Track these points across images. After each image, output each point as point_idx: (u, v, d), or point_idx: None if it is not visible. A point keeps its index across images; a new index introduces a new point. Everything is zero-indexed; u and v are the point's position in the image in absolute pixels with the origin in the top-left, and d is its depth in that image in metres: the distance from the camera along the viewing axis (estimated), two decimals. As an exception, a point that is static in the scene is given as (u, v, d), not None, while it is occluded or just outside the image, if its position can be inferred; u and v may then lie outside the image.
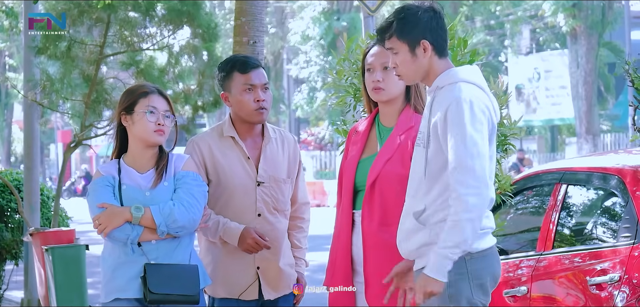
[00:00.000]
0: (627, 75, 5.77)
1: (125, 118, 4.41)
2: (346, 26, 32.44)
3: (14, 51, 36.53)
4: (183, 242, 4.39)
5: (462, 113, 3.68)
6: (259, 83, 4.68)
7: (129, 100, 4.40)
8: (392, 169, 4.14)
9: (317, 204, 29.46)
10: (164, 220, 4.27)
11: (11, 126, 43.89)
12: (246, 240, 4.59)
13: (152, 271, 4.28)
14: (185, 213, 4.30)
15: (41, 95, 9.63)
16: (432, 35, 3.81)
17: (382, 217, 4.14)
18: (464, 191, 3.62)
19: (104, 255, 4.42)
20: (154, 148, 4.43)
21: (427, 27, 3.80)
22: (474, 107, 3.69)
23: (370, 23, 9.19)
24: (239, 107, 4.69)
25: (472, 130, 3.66)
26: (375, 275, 4.15)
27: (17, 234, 10.29)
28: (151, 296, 4.26)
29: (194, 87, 9.92)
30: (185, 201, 4.32)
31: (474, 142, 3.66)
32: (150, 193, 4.36)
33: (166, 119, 4.40)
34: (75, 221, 11.37)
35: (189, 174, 4.41)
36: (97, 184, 4.37)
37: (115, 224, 4.27)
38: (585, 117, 28.55)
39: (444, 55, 3.86)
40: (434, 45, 3.81)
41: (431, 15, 3.82)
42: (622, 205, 4.85)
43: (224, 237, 4.63)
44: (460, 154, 3.65)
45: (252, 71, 4.68)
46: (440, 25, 3.83)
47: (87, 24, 9.44)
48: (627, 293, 4.54)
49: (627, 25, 28.15)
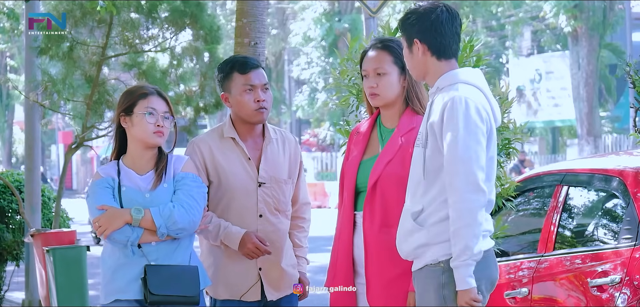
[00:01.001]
0: (628, 76, 5.78)
1: (124, 119, 4.41)
2: (347, 27, 32.45)
3: (15, 52, 36.54)
4: (183, 243, 4.39)
5: (457, 114, 3.69)
6: (259, 83, 4.68)
7: (128, 102, 4.40)
8: (393, 171, 4.15)
9: (318, 206, 29.44)
10: (164, 222, 4.27)
11: (12, 127, 43.93)
12: (246, 244, 4.59)
13: (152, 272, 4.28)
14: (185, 215, 4.30)
15: (42, 96, 9.63)
16: (423, 35, 3.85)
17: (383, 219, 4.15)
18: (456, 197, 3.65)
19: (103, 256, 4.42)
20: (153, 149, 4.43)
21: (419, 28, 3.85)
22: (470, 108, 3.70)
23: (371, 24, 9.19)
24: (239, 107, 4.69)
25: (465, 133, 3.67)
26: (376, 276, 4.16)
27: (18, 235, 10.29)
28: (152, 297, 4.26)
29: (196, 88, 9.93)
30: (185, 203, 4.32)
31: (466, 145, 3.66)
32: (150, 195, 4.35)
33: (165, 120, 4.40)
34: (76, 221, 11.37)
35: (189, 176, 4.41)
36: (97, 186, 4.37)
37: (116, 226, 4.27)
38: (587, 119, 28.56)
39: (444, 57, 3.86)
40: (427, 46, 3.85)
41: (425, 17, 3.85)
42: (623, 206, 4.84)
43: (225, 241, 4.63)
44: (452, 157, 3.68)
45: (252, 71, 4.69)
46: (436, 27, 3.84)
47: (89, 25, 9.44)
48: (628, 295, 4.54)
49: (628, 27, 28.13)
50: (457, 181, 3.65)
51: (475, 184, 3.64)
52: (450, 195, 3.68)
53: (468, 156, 3.65)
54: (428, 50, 3.85)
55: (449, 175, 3.69)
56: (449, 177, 3.68)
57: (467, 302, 3.68)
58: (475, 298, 3.68)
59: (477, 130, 3.69)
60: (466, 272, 3.66)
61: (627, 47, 27.08)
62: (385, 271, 4.12)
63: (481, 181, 3.66)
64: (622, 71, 6.00)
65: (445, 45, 3.86)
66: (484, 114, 3.74)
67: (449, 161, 3.69)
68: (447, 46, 3.86)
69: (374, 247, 4.17)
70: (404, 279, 4.07)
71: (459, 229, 3.64)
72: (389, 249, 4.07)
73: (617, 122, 32.98)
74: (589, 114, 28.54)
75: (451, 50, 3.87)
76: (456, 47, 3.89)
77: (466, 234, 3.63)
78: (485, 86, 3.87)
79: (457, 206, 3.64)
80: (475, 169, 3.65)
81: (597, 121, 29.11)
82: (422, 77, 3.94)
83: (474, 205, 3.64)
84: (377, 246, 4.16)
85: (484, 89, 3.84)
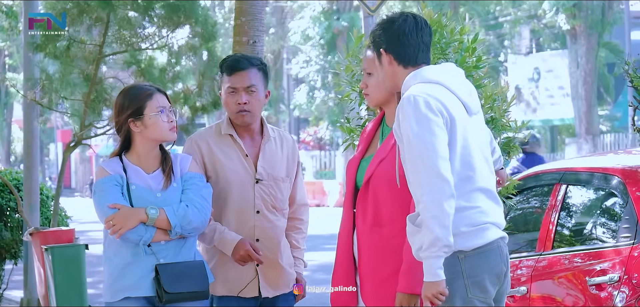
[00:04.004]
0: (626, 75, 5.78)
1: (134, 124, 4.38)
2: (346, 26, 32.45)
3: (13, 51, 36.54)
4: (189, 241, 4.43)
5: (407, 113, 3.71)
6: (241, 86, 4.69)
7: (135, 105, 4.37)
8: (385, 170, 4.14)
9: (316, 204, 29.47)
10: (179, 221, 4.30)
11: (11, 126, 43.92)
12: (239, 251, 4.62)
13: (164, 271, 4.30)
14: (198, 214, 4.35)
15: (41, 94, 9.62)
16: (388, 45, 3.89)
17: (374, 218, 4.13)
18: (418, 191, 3.65)
19: (108, 254, 4.40)
20: (157, 146, 4.43)
21: (384, 39, 3.90)
22: (419, 104, 3.69)
23: (370, 23, 9.20)
24: (225, 107, 4.76)
25: (418, 128, 3.67)
26: (368, 275, 4.14)
27: (16, 234, 10.28)
28: (167, 296, 4.29)
29: (194, 87, 9.92)
30: (197, 203, 4.37)
31: (420, 138, 3.66)
32: (162, 194, 4.36)
33: (172, 114, 4.44)
34: (74, 220, 11.36)
35: (196, 176, 4.45)
36: (106, 184, 4.35)
37: (130, 226, 4.27)
38: (585, 118, 28.56)
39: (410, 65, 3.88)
40: (393, 55, 3.89)
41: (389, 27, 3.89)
42: (621, 205, 4.85)
43: (219, 246, 4.67)
44: (409, 154, 3.70)
45: (236, 74, 4.70)
46: (399, 37, 3.87)
47: (86, 23, 9.43)
48: (626, 293, 4.55)
49: (626, 26, 28.14)
50: (418, 175, 3.65)
51: (437, 174, 3.62)
52: (415, 191, 3.68)
53: (424, 148, 3.65)
54: (394, 59, 3.89)
55: (410, 173, 3.71)
56: (411, 174, 3.70)
57: (434, 295, 3.63)
58: (443, 292, 3.63)
59: (429, 123, 3.68)
60: (435, 263, 3.62)
61: (626, 46, 27.06)
62: (377, 271, 4.10)
63: (443, 170, 3.63)
64: (620, 70, 6.00)
65: (409, 54, 3.87)
66: (436, 105, 3.71)
67: (408, 159, 3.71)
68: (412, 55, 3.87)
69: (365, 246, 4.16)
70: (395, 279, 4.03)
71: (426, 221, 3.62)
72: (380, 248, 4.07)
73: (615, 121, 33.00)
74: (587, 112, 28.54)
75: (417, 59, 3.88)
76: (423, 55, 3.89)
77: (434, 225, 3.60)
78: (450, 80, 3.84)
79: (422, 198, 3.63)
80: (435, 159, 3.64)
81: (595, 120, 29.11)
82: (394, 87, 3.96)
83: (439, 196, 3.61)
84: (367, 245, 4.15)
85: (446, 84, 3.82)
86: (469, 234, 3.74)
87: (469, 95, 3.88)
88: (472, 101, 3.89)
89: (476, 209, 3.76)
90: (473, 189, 3.77)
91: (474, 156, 3.79)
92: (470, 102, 3.88)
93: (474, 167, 3.78)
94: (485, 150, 3.89)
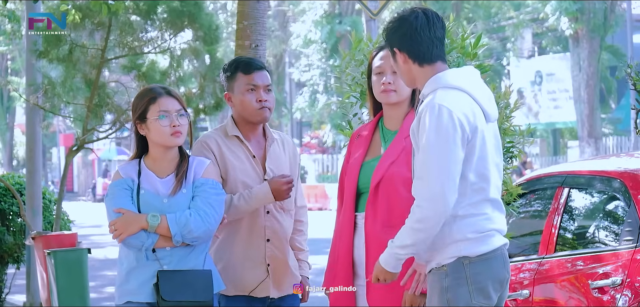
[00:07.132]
0: (629, 78, 5.78)
1: (141, 126, 4.37)
2: (348, 29, 32.46)
3: (15, 55, 36.58)
4: (197, 248, 4.36)
5: (429, 121, 3.68)
6: (262, 84, 4.72)
7: (139, 109, 4.36)
8: (397, 171, 4.15)
9: (319, 208, 29.43)
10: (180, 230, 4.25)
11: (13, 130, 43.96)
12: (276, 186, 4.58)
13: (164, 278, 4.26)
14: (201, 224, 4.27)
15: (43, 99, 9.64)
16: (401, 44, 3.84)
17: (385, 219, 4.15)
18: (416, 203, 3.68)
19: (119, 257, 4.41)
20: (174, 150, 4.40)
21: (397, 37, 3.86)
22: (443, 115, 3.67)
23: (372, 26, 9.21)
24: (242, 107, 4.72)
25: (436, 140, 3.66)
26: None
27: (19, 238, 10.30)
28: (163, 303, 4.24)
29: (196, 90, 9.93)
30: (202, 211, 4.28)
31: (435, 151, 3.65)
32: (168, 200, 4.32)
33: (180, 117, 4.36)
34: (77, 224, 11.37)
35: (208, 182, 4.36)
36: (116, 187, 4.35)
37: (131, 231, 4.26)
38: (588, 121, 28.54)
39: (426, 62, 3.83)
40: (407, 53, 3.84)
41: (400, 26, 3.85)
42: (624, 208, 4.84)
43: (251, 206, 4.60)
44: (422, 162, 3.69)
45: (255, 72, 4.73)
46: (411, 35, 3.82)
47: (88, 28, 9.45)
48: (629, 297, 4.54)
49: (629, 29, 28.10)
50: (421, 186, 3.68)
51: (441, 194, 3.63)
52: (416, 193, 3.70)
53: (437, 162, 3.65)
54: (409, 58, 3.85)
55: (417, 177, 3.72)
56: (417, 179, 3.71)
57: (384, 278, 3.81)
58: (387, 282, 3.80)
59: (447, 137, 3.66)
60: (398, 260, 3.76)
61: (628, 49, 27.03)
62: None
63: (448, 192, 3.64)
64: (622, 73, 6.00)
65: (423, 51, 3.83)
66: (460, 118, 3.69)
67: (419, 165, 3.72)
68: (426, 51, 3.83)
69: (375, 248, 4.16)
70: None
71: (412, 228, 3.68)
72: None
73: (618, 124, 32.98)
74: (589, 115, 28.52)
75: (432, 55, 3.83)
76: (438, 50, 3.84)
77: (418, 237, 3.68)
78: (472, 86, 3.82)
79: (415, 209, 3.67)
80: (445, 179, 3.64)
81: (598, 123, 29.09)
82: (412, 84, 3.93)
83: (435, 215, 3.64)
84: (378, 246, 4.15)
85: (468, 90, 3.79)
86: (476, 241, 3.74)
87: (488, 101, 3.86)
88: (491, 107, 3.86)
89: (483, 215, 3.77)
90: (484, 199, 3.77)
91: (489, 168, 3.79)
92: (490, 108, 3.85)
93: (488, 178, 3.78)
94: (497, 157, 3.88)
